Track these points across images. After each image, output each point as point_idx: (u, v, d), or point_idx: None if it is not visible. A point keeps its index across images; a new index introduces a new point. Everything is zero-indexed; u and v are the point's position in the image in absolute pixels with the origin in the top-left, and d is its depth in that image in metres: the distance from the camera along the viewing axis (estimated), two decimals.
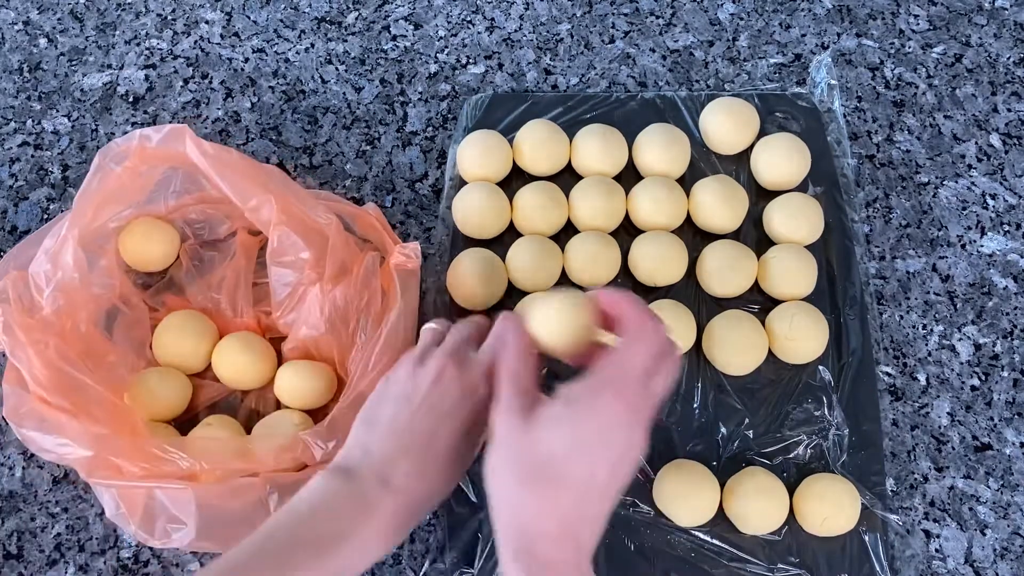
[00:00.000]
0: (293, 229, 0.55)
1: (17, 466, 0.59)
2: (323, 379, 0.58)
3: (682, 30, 0.75)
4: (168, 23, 0.77)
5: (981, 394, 0.60)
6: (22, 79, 0.74)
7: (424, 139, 0.70)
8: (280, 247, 0.56)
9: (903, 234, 0.66)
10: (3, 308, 0.53)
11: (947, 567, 0.55)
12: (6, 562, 0.56)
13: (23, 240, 0.61)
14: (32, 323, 0.53)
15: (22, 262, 0.58)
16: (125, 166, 0.57)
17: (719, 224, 0.63)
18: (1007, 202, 0.67)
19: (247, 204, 0.56)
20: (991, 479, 0.58)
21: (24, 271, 0.56)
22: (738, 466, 0.57)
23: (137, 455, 0.50)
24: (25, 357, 0.52)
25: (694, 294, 0.62)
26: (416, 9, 0.77)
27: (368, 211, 0.63)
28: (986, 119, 0.70)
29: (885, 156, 0.69)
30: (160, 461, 0.50)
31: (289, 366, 0.58)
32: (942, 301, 0.63)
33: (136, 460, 0.50)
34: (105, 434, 0.50)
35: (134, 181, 0.59)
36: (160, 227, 0.63)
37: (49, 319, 0.54)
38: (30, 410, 0.51)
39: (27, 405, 0.51)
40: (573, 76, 0.73)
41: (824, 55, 0.70)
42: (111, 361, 0.57)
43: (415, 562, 0.56)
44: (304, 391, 0.57)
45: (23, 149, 0.70)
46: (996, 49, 0.74)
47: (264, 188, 0.56)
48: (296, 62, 0.74)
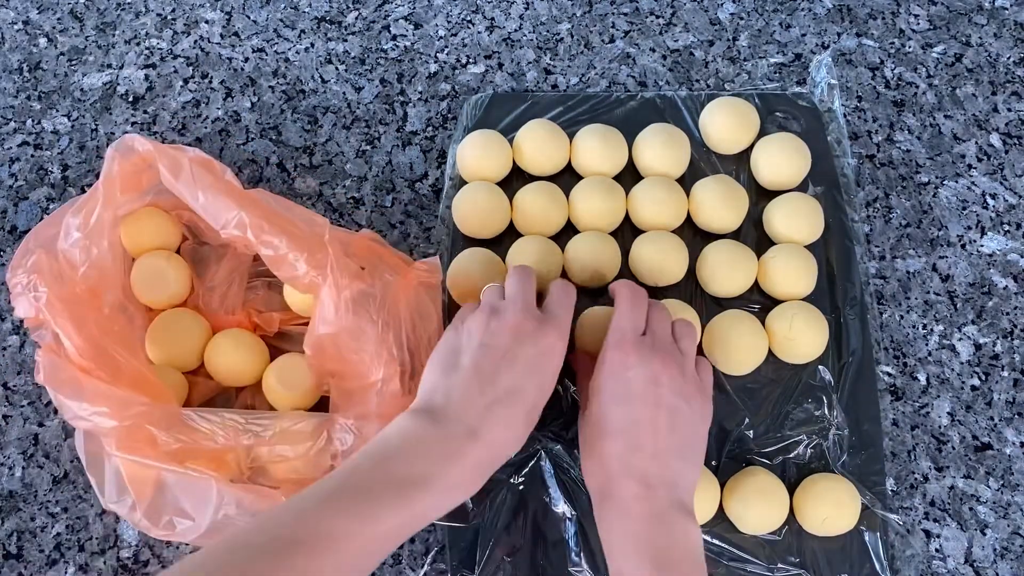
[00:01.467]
0: (281, 236, 0.55)
1: (17, 466, 0.59)
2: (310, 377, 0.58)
3: (682, 30, 0.75)
4: (168, 23, 0.77)
5: (981, 394, 0.60)
6: (22, 79, 0.74)
7: (424, 139, 0.70)
8: (275, 257, 0.55)
9: (903, 234, 0.66)
10: (43, 281, 0.52)
11: (947, 567, 0.55)
12: (6, 562, 0.56)
13: (43, 220, 0.58)
14: (71, 296, 0.53)
15: (44, 241, 0.56)
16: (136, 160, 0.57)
17: (719, 224, 0.63)
18: (1007, 202, 0.67)
19: (222, 228, 0.55)
20: (991, 479, 0.58)
21: (53, 249, 0.55)
22: (738, 466, 0.57)
23: (174, 425, 0.50)
24: (66, 327, 0.51)
25: (694, 294, 0.62)
26: (416, 9, 0.77)
27: (364, 235, 0.62)
28: (986, 119, 0.70)
29: (885, 156, 0.69)
30: (197, 434, 0.50)
31: (274, 366, 0.58)
32: (942, 301, 0.63)
33: (172, 430, 0.50)
34: (144, 404, 0.50)
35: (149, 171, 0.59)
36: (165, 218, 0.62)
37: (83, 296, 0.54)
38: (69, 377, 0.50)
39: (66, 372, 0.50)
40: (573, 76, 0.73)
41: (824, 55, 0.70)
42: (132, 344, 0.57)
43: (415, 562, 0.56)
44: (293, 391, 0.57)
45: (23, 149, 0.70)
46: (996, 49, 0.74)
47: (237, 205, 0.54)
48: (296, 62, 0.74)
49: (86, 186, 0.68)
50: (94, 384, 0.50)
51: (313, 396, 0.58)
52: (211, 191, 0.54)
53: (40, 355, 0.51)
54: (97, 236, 0.54)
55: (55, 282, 0.53)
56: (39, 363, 0.51)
